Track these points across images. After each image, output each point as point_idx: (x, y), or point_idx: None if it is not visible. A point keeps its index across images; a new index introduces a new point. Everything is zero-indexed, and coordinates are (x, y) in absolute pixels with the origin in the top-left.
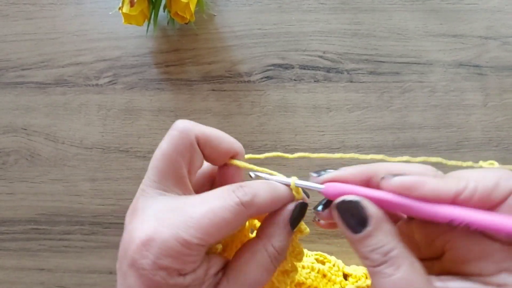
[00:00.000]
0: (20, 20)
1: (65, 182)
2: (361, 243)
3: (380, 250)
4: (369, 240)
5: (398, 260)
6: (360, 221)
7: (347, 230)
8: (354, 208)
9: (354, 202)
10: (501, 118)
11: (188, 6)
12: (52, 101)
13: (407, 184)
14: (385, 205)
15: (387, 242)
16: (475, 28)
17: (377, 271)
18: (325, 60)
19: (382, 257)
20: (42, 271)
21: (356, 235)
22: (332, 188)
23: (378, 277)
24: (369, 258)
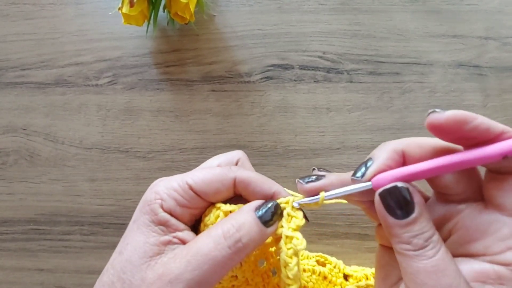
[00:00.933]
0: (20, 20)
1: (64, 182)
2: (405, 228)
3: (423, 235)
4: (413, 226)
5: (437, 244)
6: (405, 208)
7: (390, 216)
8: (400, 195)
9: (402, 189)
10: (501, 119)
11: (188, 7)
12: (52, 101)
13: (461, 116)
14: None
15: (429, 229)
16: (475, 28)
17: (417, 254)
18: (325, 61)
19: (424, 242)
20: (41, 272)
21: (400, 221)
22: (381, 181)
23: (417, 259)
24: (412, 243)
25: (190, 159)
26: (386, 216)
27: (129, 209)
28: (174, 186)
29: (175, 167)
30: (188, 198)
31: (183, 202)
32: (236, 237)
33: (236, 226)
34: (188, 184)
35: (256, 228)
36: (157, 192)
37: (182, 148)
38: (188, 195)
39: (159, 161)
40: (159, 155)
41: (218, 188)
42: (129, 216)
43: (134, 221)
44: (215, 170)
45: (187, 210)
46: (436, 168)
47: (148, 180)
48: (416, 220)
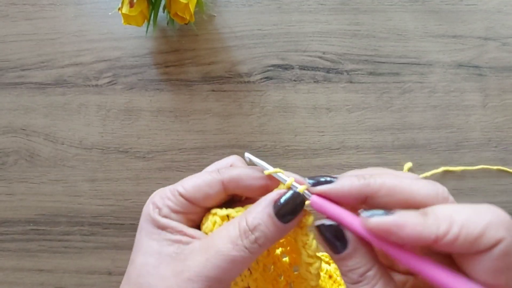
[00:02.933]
0: (20, 21)
1: (64, 183)
2: (341, 262)
3: (357, 271)
4: (347, 261)
5: (373, 281)
6: (340, 244)
7: (328, 249)
8: (334, 230)
9: (334, 226)
10: (501, 119)
11: (188, 7)
12: (52, 102)
13: (384, 227)
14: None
15: (364, 264)
16: (474, 29)
17: None
18: (324, 61)
19: (358, 277)
20: (41, 272)
21: (336, 255)
22: (317, 204)
23: None
24: (347, 276)
25: (190, 159)
26: (325, 247)
27: (129, 209)
28: (167, 195)
29: (175, 167)
30: (180, 205)
31: (176, 209)
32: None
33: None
34: (178, 192)
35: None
36: (154, 203)
37: (182, 148)
38: (180, 202)
39: (159, 161)
40: (159, 155)
41: (207, 192)
42: (129, 216)
43: (140, 231)
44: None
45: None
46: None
47: (148, 180)
48: (349, 256)
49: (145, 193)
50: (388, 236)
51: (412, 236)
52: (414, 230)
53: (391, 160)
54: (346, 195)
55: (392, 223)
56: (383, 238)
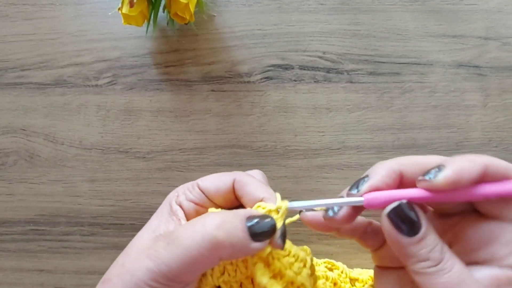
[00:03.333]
0: (19, 21)
1: (64, 183)
2: (419, 245)
3: (437, 247)
4: (425, 241)
5: (452, 255)
6: (412, 225)
7: (401, 235)
8: (405, 212)
9: (405, 205)
10: (501, 119)
11: (188, 7)
12: (52, 102)
13: (453, 179)
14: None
15: (439, 240)
16: (475, 28)
17: (438, 269)
18: (325, 61)
19: (440, 254)
20: (41, 272)
21: (411, 239)
22: (372, 199)
23: (440, 274)
24: (431, 258)
25: (190, 159)
26: (398, 237)
27: (129, 209)
28: (187, 185)
29: (175, 167)
30: (195, 194)
31: (190, 197)
32: (212, 232)
33: (219, 222)
34: (196, 183)
35: (241, 234)
36: (175, 190)
37: (182, 148)
38: (196, 192)
39: (159, 162)
40: (159, 156)
41: (218, 186)
42: (129, 217)
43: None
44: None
45: (194, 205)
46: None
47: (148, 180)
48: (426, 234)
49: (145, 193)
50: (458, 185)
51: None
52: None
53: None
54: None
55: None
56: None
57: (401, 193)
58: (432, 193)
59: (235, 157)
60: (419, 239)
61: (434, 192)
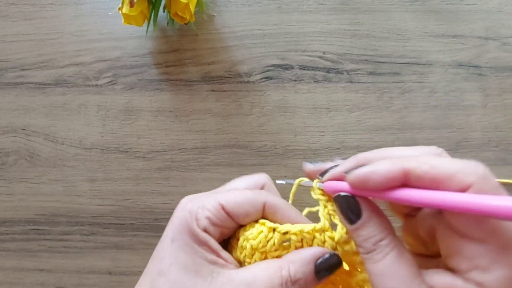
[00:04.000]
0: (19, 21)
1: (64, 183)
2: (355, 232)
3: (371, 239)
4: (361, 231)
5: (385, 249)
6: (354, 214)
7: (344, 220)
8: (349, 202)
9: (342, 197)
10: (501, 119)
11: (188, 7)
12: (52, 102)
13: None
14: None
15: (377, 233)
16: (474, 28)
17: (367, 257)
18: (324, 61)
19: (372, 246)
20: (41, 272)
21: (351, 226)
22: (329, 186)
23: (368, 263)
24: (362, 246)
25: (190, 159)
26: (342, 219)
27: (128, 209)
28: (207, 206)
29: (175, 167)
30: (220, 218)
31: (215, 221)
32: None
33: (294, 279)
34: (220, 204)
35: (312, 283)
36: (191, 212)
37: (182, 148)
38: (221, 214)
39: (158, 161)
40: (159, 155)
41: (249, 211)
42: (129, 216)
43: (173, 240)
44: (246, 193)
45: (218, 229)
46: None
47: (148, 180)
48: (362, 226)
49: (145, 193)
50: (365, 184)
51: (384, 175)
52: (384, 169)
53: None
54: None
55: (366, 171)
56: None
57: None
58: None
59: (235, 157)
60: (355, 228)
61: (353, 188)
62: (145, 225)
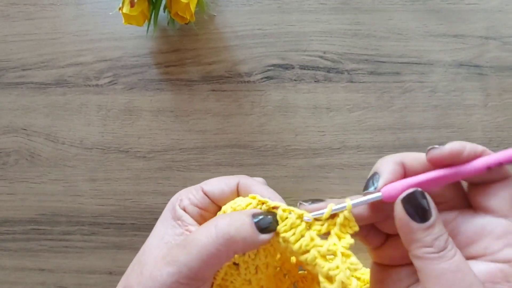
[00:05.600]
0: (20, 21)
1: (65, 183)
2: (426, 231)
3: (443, 237)
4: (433, 229)
5: (454, 246)
6: (424, 212)
7: (412, 220)
8: (417, 200)
9: (418, 193)
10: (502, 119)
11: (188, 7)
12: (52, 102)
13: (457, 148)
14: (436, 182)
15: (445, 231)
16: (475, 28)
17: (440, 256)
18: (325, 60)
19: (444, 243)
20: (42, 272)
21: (422, 225)
22: (389, 191)
23: (441, 261)
24: (434, 245)
25: (190, 159)
26: (409, 221)
27: (129, 209)
28: (190, 189)
29: (175, 167)
30: (198, 198)
31: (194, 201)
32: (225, 229)
33: (229, 220)
34: (200, 187)
35: (250, 228)
36: (178, 194)
37: (182, 148)
38: (200, 196)
39: (159, 161)
40: (159, 155)
41: (223, 189)
42: (130, 216)
43: (160, 218)
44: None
45: (198, 210)
46: (437, 178)
47: (149, 180)
48: (435, 223)
49: (146, 193)
50: (459, 155)
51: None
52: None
53: None
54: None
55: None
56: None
57: (415, 180)
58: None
59: (236, 157)
60: (428, 226)
61: (442, 164)
62: (145, 225)
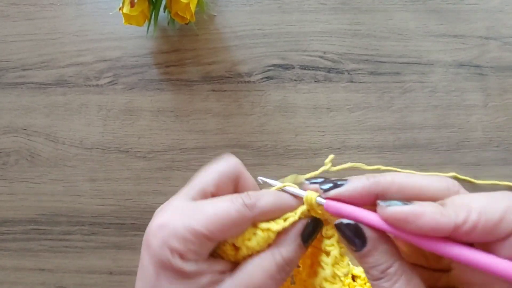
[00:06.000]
0: (20, 21)
1: (65, 183)
2: (361, 260)
3: (378, 267)
4: (368, 258)
5: (394, 277)
6: (359, 241)
7: (349, 247)
8: (353, 228)
9: (352, 225)
10: (502, 119)
11: (189, 7)
12: (53, 102)
13: (401, 216)
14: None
15: (385, 261)
16: (475, 28)
17: (375, 284)
18: (325, 60)
19: (379, 274)
20: (42, 272)
21: (356, 253)
22: (332, 207)
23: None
24: (369, 273)
25: (191, 159)
26: (345, 245)
27: (129, 209)
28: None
29: (175, 167)
30: (206, 248)
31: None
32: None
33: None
34: (202, 234)
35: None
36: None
37: (183, 148)
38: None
39: (159, 161)
40: (160, 155)
41: (236, 232)
42: (130, 216)
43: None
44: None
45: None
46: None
47: (149, 180)
48: (369, 253)
49: (146, 193)
50: (405, 225)
51: (430, 225)
52: (432, 219)
53: (392, 160)
54: (358, 195)
55: (409, 212)
56: (401, 228)
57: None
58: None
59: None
60: (360, 255)
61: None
62: (145, 225)
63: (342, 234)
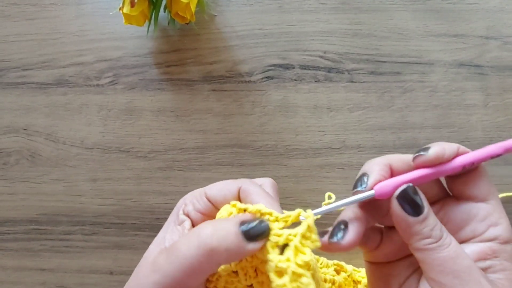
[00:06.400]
0: (21, 21)
1: (66, 182)
2: (423, 224)
3: (437, 226)
4: (427, 221)
5: (449, 234)
6: (417, 206)
7: (408, 216)
8: (410, 195)
9: (410, 189)
10: (502, 118)
11: (189, 6)
12: (53, 102)
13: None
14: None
15: (438, 221)
16: (476, 28)
17: (439, 244)
18: (325, 60)
19: (440, 232)
20: (43, 271)
21: (416, 218)
22: (381, 188)
23: (440, 250)
24: (432, 235)
25: (191, 159)
26: (406, 216)
27: (130, 209)
28: (195, 194)
29: (176, 167)
30: (203, 205)
31: (198, 207)
32: (206, 240)
33: (212, 230)
34: (204, 192)
35: (235, 239)
36: (184, 199)
37: (183, 148)
38: (204, 202)
39: (160, 161)
40: (160, 155)
41: (226, 195)
42: (131, 216)
43: (166, 221)
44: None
45: (201, 216)
46: (422, 177)
47: (149, 180)
48: (428, 215)
49: (146, 193)
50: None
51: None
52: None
53: None
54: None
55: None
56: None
57: (404, 178)
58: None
59: (236, 157)
60: (423, 219)
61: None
62: (146, 224)
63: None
